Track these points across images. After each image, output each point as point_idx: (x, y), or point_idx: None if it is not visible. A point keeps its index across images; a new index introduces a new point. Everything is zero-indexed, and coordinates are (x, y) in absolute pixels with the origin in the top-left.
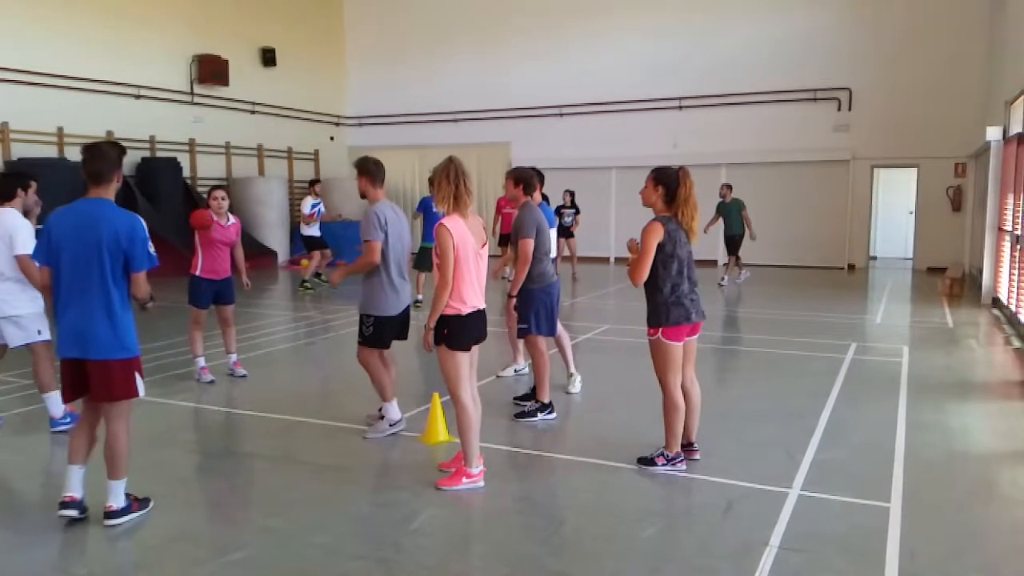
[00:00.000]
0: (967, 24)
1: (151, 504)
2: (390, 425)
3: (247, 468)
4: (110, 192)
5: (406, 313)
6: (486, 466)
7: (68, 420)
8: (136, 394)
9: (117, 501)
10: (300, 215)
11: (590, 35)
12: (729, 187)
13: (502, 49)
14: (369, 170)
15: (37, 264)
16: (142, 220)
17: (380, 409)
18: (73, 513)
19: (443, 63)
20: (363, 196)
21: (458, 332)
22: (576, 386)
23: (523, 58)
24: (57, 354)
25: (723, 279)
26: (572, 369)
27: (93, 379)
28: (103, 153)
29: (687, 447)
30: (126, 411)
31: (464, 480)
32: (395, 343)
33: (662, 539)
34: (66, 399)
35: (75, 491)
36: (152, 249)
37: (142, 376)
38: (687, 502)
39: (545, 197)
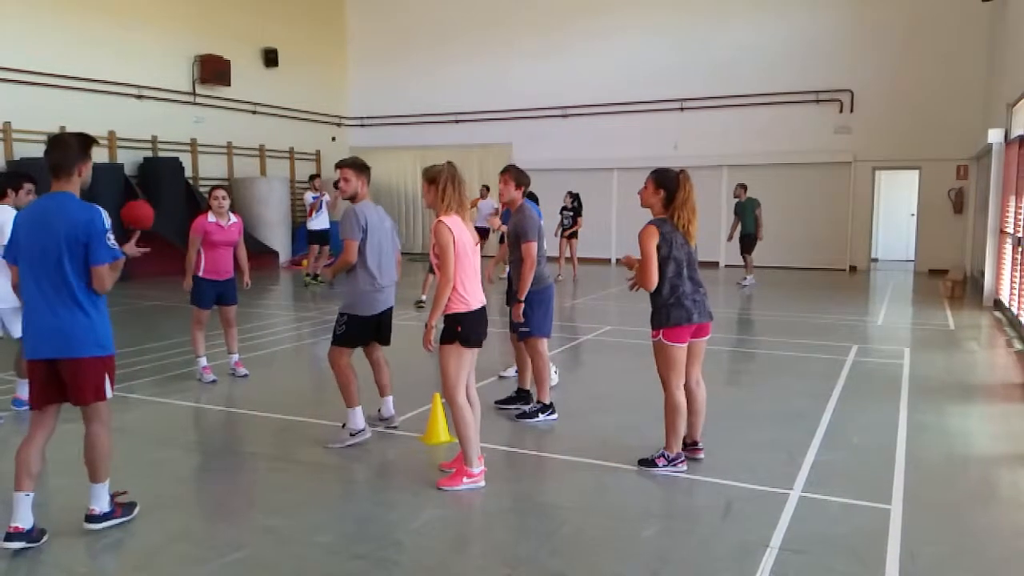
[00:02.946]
0: (969, 26)
1: (136, 509)
2: (351, 435)
3: (248, 468)
4: (72, 185)
5: (385, 315)
6: (487, 466)
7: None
8: (104, 397)
9: (100, 505)
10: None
11: (592, 36)
12: (744, 187)
13: (504, 50)
14: (367, 170)
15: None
16: (103, 212)
17: (379, 410)
18: (20, 544)
19: (445, 64)
20: (351, 198)
21: (470, 328)
22: (554, 378)
23: (525, 59)
24: (26, 356)
25: (746, 279)
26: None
27: (67, 380)
28: (64, 144)
29: (692, 446)
30: (104, 412)
31: (465, 480)
32: (391, 343)
33: (662, 540)
34: (37, 404)
35: (23, 521)
36: (112, 242)
37: (112, 378)
38: (687, 503)
39: (533, 196)
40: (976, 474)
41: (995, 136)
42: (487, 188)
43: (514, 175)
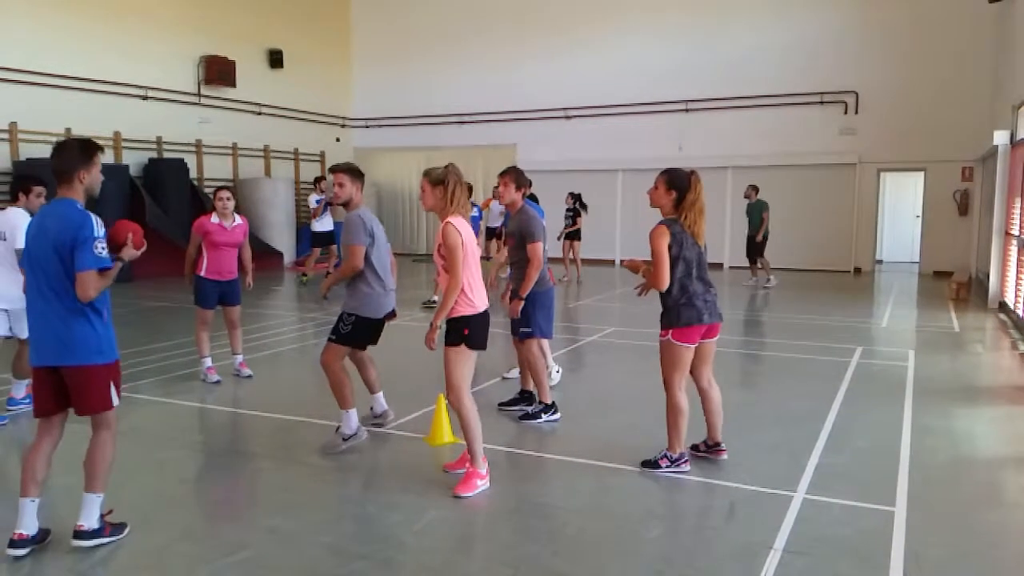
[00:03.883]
0: (975, 28)
1: (126, 530)
2: (344, 439)
3: (252, 468)
4: (73, 191)
5: (385, 319)
6: (490, 467)
7: (28, 400)
8: (110, 406)
9: (89, 520)
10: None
11: (597, 38)
12: (755, 188)
13: (509, 51)
14: (362, 176)
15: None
16: (94, 218)
17: (371, 408)
18: (23, 551)
19: (449, 65)
20: (346, 204)
21: (476, 330)
22: (555, 377)
23: (530, 60)
24: (31, 362)
25: (769, 280)
26: (550, 361)
27: (71, 388)
28: (66, 150)
29: (714, 447)
30: (112, 419)
31: (478, 482)
32: (393, 344)
33: (665, 541)
34: (42, 412)
35: (28, 528)
36: (101, 250)
37: (118, 385)
38: (691, 504)
39: (533, 197)
40: (981, 476)
41: (1001, 138)
42: None
43: (514, 177)
